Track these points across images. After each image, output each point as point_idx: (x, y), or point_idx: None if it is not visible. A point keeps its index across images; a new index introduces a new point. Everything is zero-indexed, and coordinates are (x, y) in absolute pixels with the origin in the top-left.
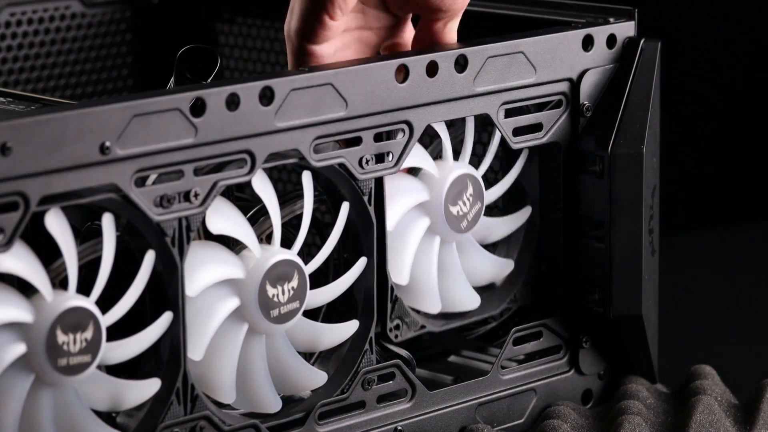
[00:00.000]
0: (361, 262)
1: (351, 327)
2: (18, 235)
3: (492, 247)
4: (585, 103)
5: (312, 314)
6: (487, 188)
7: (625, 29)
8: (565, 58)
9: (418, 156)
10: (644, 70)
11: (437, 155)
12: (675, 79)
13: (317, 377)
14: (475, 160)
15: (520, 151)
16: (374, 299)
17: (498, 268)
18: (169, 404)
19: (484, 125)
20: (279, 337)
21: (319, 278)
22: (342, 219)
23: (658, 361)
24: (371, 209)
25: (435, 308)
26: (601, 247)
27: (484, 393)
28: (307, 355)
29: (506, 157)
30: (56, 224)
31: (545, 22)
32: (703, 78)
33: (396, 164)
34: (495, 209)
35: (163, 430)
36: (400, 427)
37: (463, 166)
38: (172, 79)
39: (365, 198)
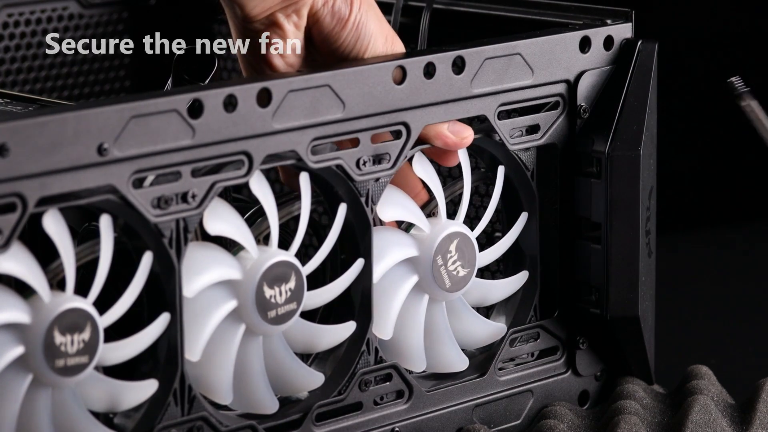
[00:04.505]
0: (359, 264)
1: (348, 328)
2: (16, 236)
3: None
4: (582, 104)
5: (309, 315)
6: (485, 246)
7: (622, 31)
8: (563, 60)
9: (410, 212)
10: (641, 71)
11: (431, 212)
12: (672, 81)
13: (314, 378)
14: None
15: (520, 211)
16: (371, 300)
17: (490, 332)
18: (167, 405)
19: (485, 181)
20: (276, 338)
21: (317, 279)
22: (339, 220)
23: (654, 361)
24: (368, 211)
25: (419, 367)
26: (598, 249)
27: (481, 394)
28: (305, 357)
29: (507, 215)
30: (54, 225)
31: (542, 24)
32: (700, 79)
33: (393, 166)
34: (494, 271)
35: (161, 431)
36: (397, 428)
37: (457, 225)
38: (169, 81)
39: (362, 199)
